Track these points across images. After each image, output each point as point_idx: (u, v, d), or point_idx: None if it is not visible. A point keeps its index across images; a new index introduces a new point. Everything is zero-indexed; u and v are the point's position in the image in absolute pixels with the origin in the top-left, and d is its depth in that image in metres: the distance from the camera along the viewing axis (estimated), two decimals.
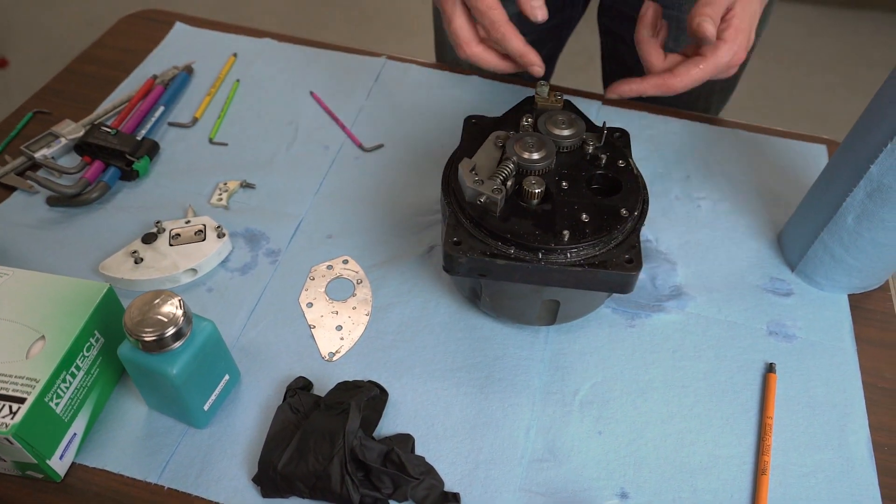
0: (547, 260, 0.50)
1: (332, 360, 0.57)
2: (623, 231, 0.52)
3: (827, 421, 0.54)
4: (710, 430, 0.53)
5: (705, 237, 0.67)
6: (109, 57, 0.84)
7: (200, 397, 0.50)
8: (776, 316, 0.61)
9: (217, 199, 0.68)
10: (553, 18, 0.87)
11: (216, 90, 0.80)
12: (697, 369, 0.57)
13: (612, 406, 0.54)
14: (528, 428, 0.53)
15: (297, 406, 0.52)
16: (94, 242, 0.64)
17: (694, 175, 0.73)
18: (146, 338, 0.45)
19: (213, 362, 0.50)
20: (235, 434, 0.52)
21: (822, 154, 0.75)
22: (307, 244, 0.65)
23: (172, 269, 0.60)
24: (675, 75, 0.56)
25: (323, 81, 0.82)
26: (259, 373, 0.56)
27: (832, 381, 0.56)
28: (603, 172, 0.55)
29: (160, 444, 0.51)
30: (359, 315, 0.60)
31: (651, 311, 0.61)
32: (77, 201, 0.66)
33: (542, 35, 0.56)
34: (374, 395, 0.52)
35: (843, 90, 2.12)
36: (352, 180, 0.71)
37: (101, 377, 0.51)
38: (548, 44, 0.91)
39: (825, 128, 2.00)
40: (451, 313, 0.60)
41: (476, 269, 0.51)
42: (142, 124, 0.73)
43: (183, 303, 0.46)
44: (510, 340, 0.58)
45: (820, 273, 0.61)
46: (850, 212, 0.55)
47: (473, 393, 0.55)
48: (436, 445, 0.52)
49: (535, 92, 0.60)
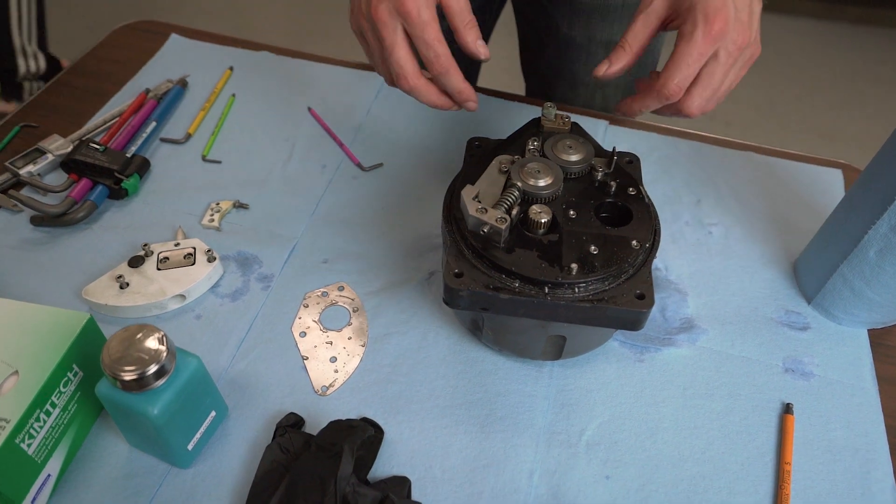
0: (553, 295, 0.47)
1: (325, 395, 0.54)
2: (634, 264, 0.49)
3: (849, 468, 0.51)
4: (724, 476, 0.50)
5: (717, 266, 0.64)
6: (101, 69, 0.82)
7: (184, 437, 0.47)
8: (792, 352, 0.58)
9: (209, 220, 0.65)
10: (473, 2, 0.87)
11: (211, 105, 0.78)
12: (710, 409, 0.54)
13: (621, 448, 0.52)
14: (531, 472, 0.50)
15: (286, 446, 0.49)
16: (79, 265, 0.61)
17: (705, 200, 0.70)
18: (125, 377, 0.42)
19: (199, 399, 0.47)
20: (221, 474, 0.49)
21: (838, 179, 0.73)
22: (301, 269, 0.62)
23: (160, 294, 0.58)
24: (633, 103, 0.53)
25: (321, 97, 0.79)
26: (248, 408, 0.53)
27: (853, 424, 0.53)
28: (612, 200, 0.53)
29: (141, 485, 0.48)
30: (354, 346, 0.57)
31: (661, 346, 0.58)
32: (62, 221, 0.63)
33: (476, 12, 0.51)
34: (368, 436, 0.49)
35: (850, 107, 2.10)
36: (349, 201, 0.68)
37: (78, 413, 0.48)
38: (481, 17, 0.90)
39: (832, 145, 1.98)
40: (450, 345, 0.57)
41: (478, 303, 0.48)
42: (132, 140, 0.71)
43: (166, 338, 0.44)
44: (513, 375, 0.55)
45: (838, 307, 0.58)
46: (873, 245, 0.53)
47: (474, 432, 0.52)
48: (433, 490, 0.49)
49: (542, 114, 0.58)
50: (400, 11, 0.48)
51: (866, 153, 0.61)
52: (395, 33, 0.50)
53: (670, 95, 0.48)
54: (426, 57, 0.50)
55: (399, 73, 0.51)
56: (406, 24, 0.49)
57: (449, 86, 0.52)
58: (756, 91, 2.10)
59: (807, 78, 2.19)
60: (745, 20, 0.46)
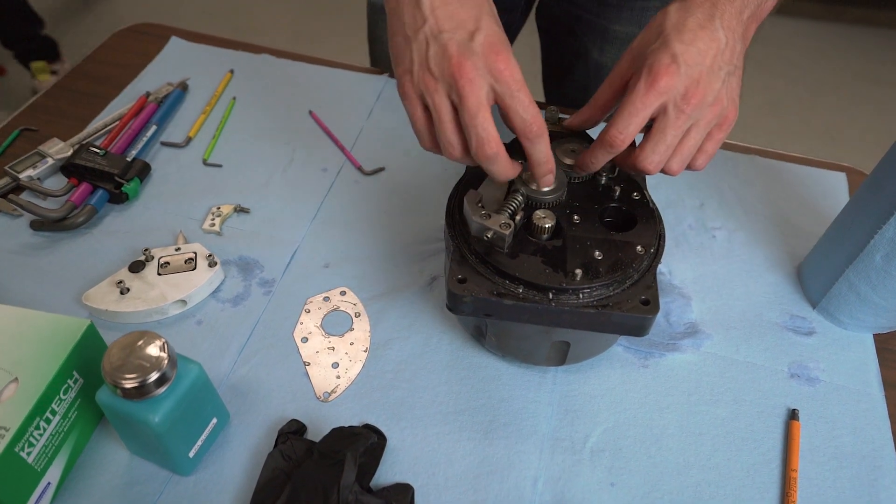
0: (558, 301, 0.46)
1: (327, 401, 0.54)
2: (638, 270, 0.48)
3: (856, 475, 0.50)
4: (730, 483, 0.50)
5: (721, 269, 0.64)
6: (101, 72, 0.81)
7: (185, 444, 0.47)
8: (798, 357, 0.57)
9: (210, 225, 0.65)
10: None
11: (211, 108, 0.77)
12: (715, 415, 0.54)
13: (625, 454, 0.51)
14: (535, 478, 0.50)
15: (288, 453, 0.48)
16: (79, 270, 0.61)
17: (708, 203, 0.70)
18: (126, 384, 0.41)
19: (200, 406, 0.47)
20: (223, 482, 0.49)
21: (842, 182, 0.72)
22: (303, 273, 0.62)
23: (160, 300, 0.57)
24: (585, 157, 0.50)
25: (322, 100, 0.79)
26: (250, 414, 0.52)
27: (860, 430, 0.53)
28: (617, 205, 0.52)
29: (142, 492, 0.48)
30: (356, 351, 0.57)
31: (665, 351, 0.57)
32: (62, 226, 0.63)
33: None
34: (371, 443, 0.49)
35: (852, 109, 2.09)
36: (351, 205, 0.68)
37: (79, 421, 0.48)
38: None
39: (833, 145, 1.98)
40: (453, 351, 0.57)
41: (482, 309, 0.48)
42: (133, 144, 0.70)
43: (167, 345, 0.43)
44: (516, 381, 0.55)
45: (844, 311, 0.58)
46: (879, 249, 0.52)
47: (477, 438, 0.52)
48: (437, 497, 0.48)
49: (545, 118, 0.57)
50: (492, 69, 0.44)
51: (869, 155, 0.60)
52: (482, 93, 0.44)
53: (613, 143, 0.47)
54: (524, 119, 0.45)
55: (485, 137, 0.44)
56: (498, 84, 0.44)
57: (540, 151, 0.47)
58: (757, 93, 2.09)
59: (808, 80, 2.19)
60: (697, 77, 0.45)
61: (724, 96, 0.47)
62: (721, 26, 0.46)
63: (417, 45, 0.45)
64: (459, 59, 0.43)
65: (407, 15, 0.46)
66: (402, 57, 0.46)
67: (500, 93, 0.44)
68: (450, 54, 0.44)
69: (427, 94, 0.45)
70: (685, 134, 0.47)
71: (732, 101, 0.48)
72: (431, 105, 0.45)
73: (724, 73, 0.46)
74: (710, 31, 0.46)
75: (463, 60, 0.43)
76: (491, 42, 0.44)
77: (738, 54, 0.48)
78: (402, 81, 0.46)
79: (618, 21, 0.78)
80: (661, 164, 0.47)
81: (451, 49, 0.44)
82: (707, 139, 0.48)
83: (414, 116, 0.47)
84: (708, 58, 0.45)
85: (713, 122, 0.47)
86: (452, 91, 0.44)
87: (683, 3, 0.47)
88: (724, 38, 0.46)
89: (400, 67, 0.47)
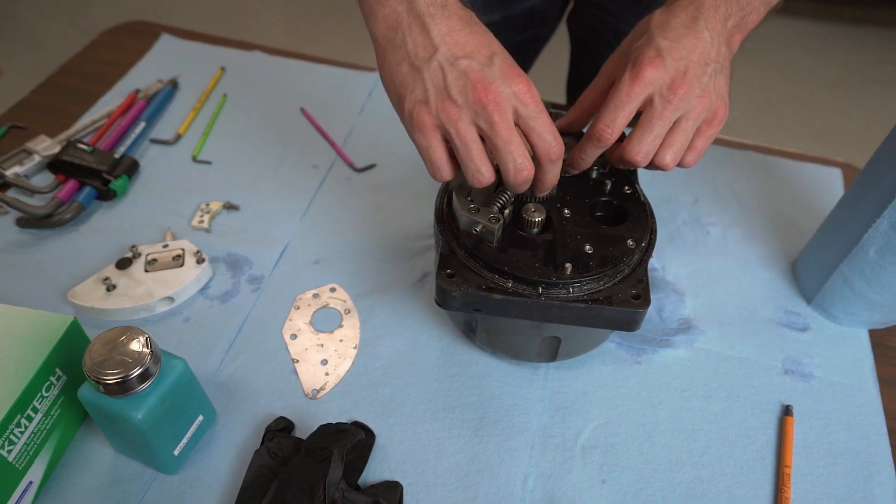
0: (547, 295, 0.46)
1: (315, 398, 0.53)
2: (629, 264, 0.48)
3: (850, 471, 0.50)
4: (722, 480, 0.49)
5: (715, 266, 0.63)
6: (91, 70, 0.81)
7: (170, 442, 0.46)
8: (792, 353, 0.57)
9: (198, 222, 0.64)
10: (520, 35, 0.84)
11: (202, 105, 0.77)
12: (708, 411, 0.53)
13: (617, 451, 0.50)
14: (525, 476, 0.49)
15: (275, 451, 0.48)
16: (66, 267, 0.60)
17: (702, 199, 0.69)
18: (108, 380, 0.41)
19: (185, 403, 0.46)
20: (209, 480, 0.48)
21: (837, 178, 0.72)
22: (293, 270, 0.61)
23: (147, 297, 0.56)
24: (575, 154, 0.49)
25: (314, 97, 0.78)
26: (237, 411, 0.52)
27: (854, 426, 0.52)
28: (608, 199, 0.52)
29: (126, 491, 0.47)
30: (346, 348, 0.56)
31: (658, 347, 0.57)
32: (49, 223, 0.62)
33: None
34: (359, 440, 0.48)
35: (848, 107, 2.09)
36: (342, 202, 0.67)
37: (62, 418, 0.47)
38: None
39: (830, 145, 1.97)
40: (443, 348, 0.56)
41: (471, 304, 0.47)
42: (121, 141, 0.70)
43: (150, 341, 0.42)
44: (507, 378, 0.54)
45: (838, 307, 0.57)
46: (873, 243, 0.52)
47: (467, 435, 0.51)
48: (426, 495, 0.48)
49: None
50: (515, 92, 0.42)
51: (864, 154, 0.60)
52: (511, 117, 0.42)
53: (600, 137, 0.46)
54: (548, 142, 0.43)
55: (522, 163, 0.43)
56: (521, 106, 0.43)
57: (554, 174, 0.46)
58: (752, 91, 2.09)
59: (804, 78, 2.19)
60: (684, 70, 0.44)
61: (713, 91, 0.46)
62: (706, 27, 0.46)
63: (431, 73, 0.43)
64: (485, 84, 0.42)
65: (413, 43, 0.43)
66: (411, 86, 0.44)
67: (523, 115, 0.43)
68: (473, 80, 0.42)
69: (450, 123, 0.42)
70: (675, 126, 0.46)
71: (721, 97, 0.47)
72: (455, 134, 0.43)
73: (711, 70, 0.46)
74: (695, 31, 0.45)
75: (488, 85, 0.42)
76: (509, 64, 0.43)
77: (723, 55, 0.47)
78: (416, 112, 0.43)
79: None
80: (650, 155, 0.47)
81: (472, 74, 0.42)
82: (697, 135, 0.48)
83: (430, 148, 0.44)
84: (694, 54, 0.45)
85: (703, 116, 0.46)
86: (479, 118, 0.42)
87: (668, 7, 0.47)
88: (708, 37, 0.46)
89: (410, 97, 0.44)
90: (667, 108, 0.45)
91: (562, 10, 0.88)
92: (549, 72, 1.19)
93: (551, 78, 1.21)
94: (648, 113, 0.45)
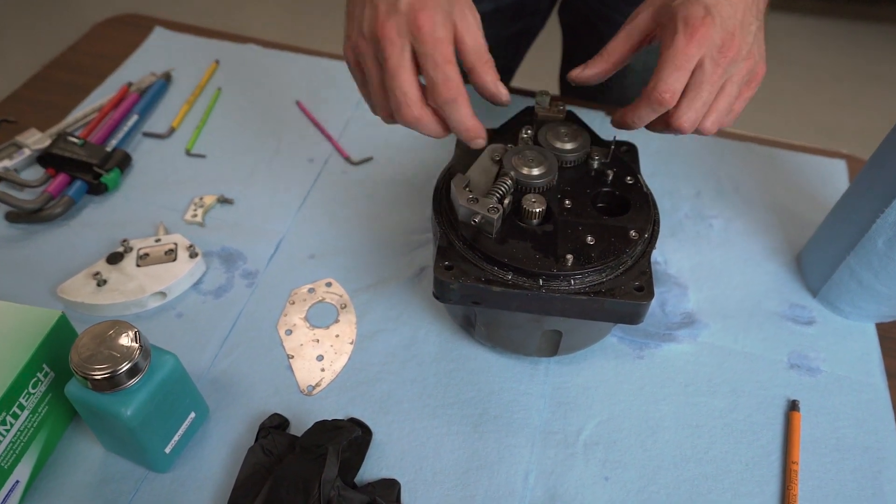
0: (548, 287, 0.45)
1: (311, 395, 0.52)
2: (632, 255, 0.47)
3: (858, 466, 0.48)
4: (728, 477, 0.48)
5: (718, 259, 0.62)
6: (83, 63, 0.79)
7: (160, 439, 0.45)
8: (797, 347, 0.56)
9: (192, 216, 0.63)
10: (511, 26, 0.83)
11: (195, 98, 0.75)
12: (712, 406, 0.52)
13: (620, 448, 0.49)
14: (526, 472, 0.48)
15: (269, 448, 0.46)
16: (56, 263, 0.59)
17: (705, 192, 0.68)
18: (96, 375, 0.39)
19: (176, 400, 0.45)
20: (202, 479, 0.47)
21: (842, 170, 0.70)
22: (288, 265, 0.60)
23: (139, 292, 0.55)
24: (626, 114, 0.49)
25: (310, 90, 0.77)
26: (230, 408, 0.51)
27: (862, 421, 0.51)
28: (610, 190, 0.51)
29: (116, 491, 0.46)
30: (342, 344, 0.55)
31: (661, 341, 0.55)
32: (38, 217, 0.61)
33: (500, 43, 0.44)
34: (356, 437, 0.47)
35: (850, 104, 2.08)
36: (338, 196, 0.66)
37: (50, 416, 0.46)
38: (505, 53, 0.86)
39: (831, 141, 1.96)
40: (442, 342, 0.55)
41: (469, 297, 0.46)
42: (113, 134, 0.68)
43: (140, 335, 0.41)
44: (507, 373, 0.53)
45: (845, 300, 0.56)
46: (881, 234, 0.50)
47: (466, 432, 0.50)
48: (424, 492, 0.47)
49: (535, 101, 0.55)
50: (412, 27, 0.42)
51: (867, 149, 0.59)
52: (403, 53, 0.42)
53: (661, 100, 0.44)
54: (434, 80, 0.43)
55: (403, 100, 0.43)
56: (417, 42, 0.42)
57: (454, 117, 0.44)
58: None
59: (806, 75, 2.18)
60: (732, 30, 0.43)
61: (756, 51, 0.46)
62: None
63: (358, 10, 0.45)
64: (383, 20, 0.43)
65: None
66: (347, 24, 0.47)
67: (418, 52, 0.43)
68: (376, 14, 0.43)
69: (361, 58, 0.45)
70: (720, 90, 0.45)
71: (762, 56, 0.47)
72: (366, 69, 0.45)
73: (755, 28, 0.45)
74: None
75: (386, 20, 0.42)
76: (422, 2, 0.42)
77: (761, 12, 0.46)
78: (344, 50, 0.47)
79: None
80: (698, 121, 0.45)
81: (379, 9, 0.43)
82: (737, 98, 0.47)
83: (356, 82, 0.48)
84: (739, 11, 0.44)
85: (745, 79, 0.46)
86: (378, 52, 0.43)
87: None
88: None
89: (346, 35, 0.47)
90: (716, 71, 0.44)
91: (553, 1, 0.86)
92: (543, 62, 1.18)
93: (545, 68, 1.20)
94: (698, 77, 0.44)
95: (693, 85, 0.45)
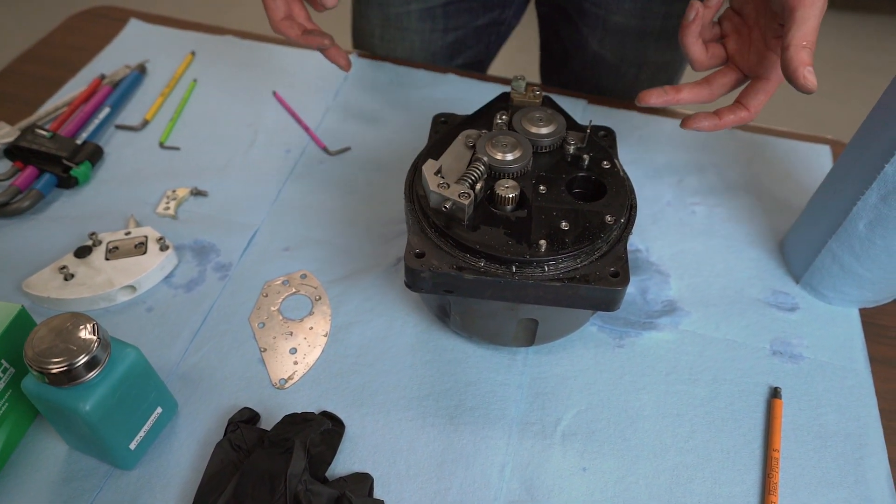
0: (521, 274, 0.43)
1: (283, 388, 0.50)
2: (608, 240, 0.46)
3: (841, 454, 0.47)
4: (709, 466, 0.47)
5: (700, 246, 0.61)
6: (56, 56, 0.78)
7: (124, 436, 0.43)
8: (780, 333, 0.55)
9: (164, 209, 0.62)
10: (480, 17, 0.82)
11: (170, 90, 0.74)
12: (693, 395, 0.51)
13: (599, 438, 0.48)
14: (502, 465, 0.47)
15: (238, 442, 0.45)
16: (23, 257, 0.57)
17: (687, 178, 0.67)
18: (52, 369, 0.38)
19: (140, 394, 0.44)
20: (168, 476, 0.46)
21: (826, 155, 0.70)
22: (262, 257, 0.59)
23: (107, 286, 0.54)
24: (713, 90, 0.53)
25: (287, 80, 0.76)
26: (199, 403, 0.49)
27: (845, 408, 0.50)
28: (585, 175, 0.49)
29: (80, 489, 0.44)
30: (316, 336, 0.54)
31: (641, 329, 0.54)
32: (5, 211, 0.59)
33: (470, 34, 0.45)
34: (326, 430, 0.46)
35: (842, 95, 2.07)
36: (314, 187, 0.65)
37: (11, 414, 0.45)
38: (475, 44, 0.85)
39: (819, 131, 1.96)
40: (418, 333, 0.54)
41: (442, 285, 0.45)
42: (84, 127, 0.67)
43: (98, 327, 0.40)
44: (484, 363, 0.52)
45: (827, 285, 0.55)
46: (862, 217, 0.50)
47: (442, 424, 0.49)
48: (398, 486, 0.45)
49: (511, 87, 0.54)
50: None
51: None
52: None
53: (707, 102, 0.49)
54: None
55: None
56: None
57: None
58: None
59: None
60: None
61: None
62: None
63: None
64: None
65: None
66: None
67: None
68: None
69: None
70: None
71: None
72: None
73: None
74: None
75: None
76: None
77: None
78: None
79: (618, 12, 0.75)
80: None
81: None
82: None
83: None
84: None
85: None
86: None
87: None
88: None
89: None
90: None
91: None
92: (523, 54, 1.16)
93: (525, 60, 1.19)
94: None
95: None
